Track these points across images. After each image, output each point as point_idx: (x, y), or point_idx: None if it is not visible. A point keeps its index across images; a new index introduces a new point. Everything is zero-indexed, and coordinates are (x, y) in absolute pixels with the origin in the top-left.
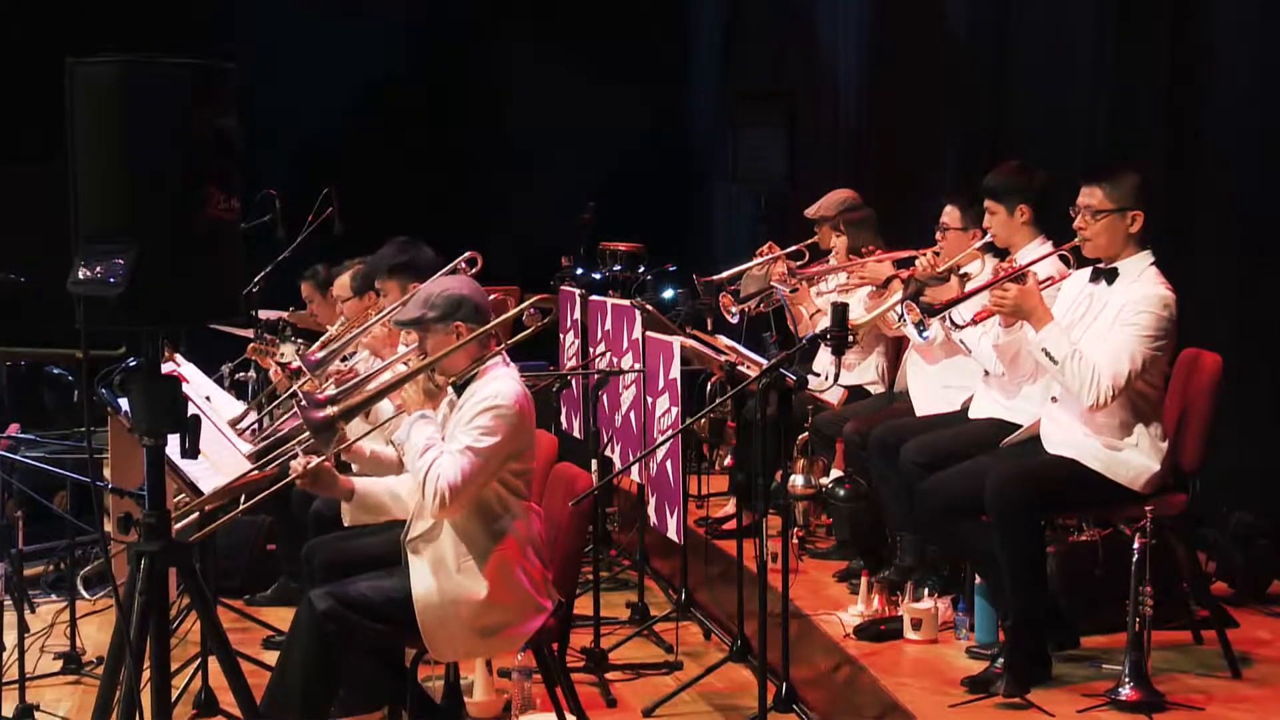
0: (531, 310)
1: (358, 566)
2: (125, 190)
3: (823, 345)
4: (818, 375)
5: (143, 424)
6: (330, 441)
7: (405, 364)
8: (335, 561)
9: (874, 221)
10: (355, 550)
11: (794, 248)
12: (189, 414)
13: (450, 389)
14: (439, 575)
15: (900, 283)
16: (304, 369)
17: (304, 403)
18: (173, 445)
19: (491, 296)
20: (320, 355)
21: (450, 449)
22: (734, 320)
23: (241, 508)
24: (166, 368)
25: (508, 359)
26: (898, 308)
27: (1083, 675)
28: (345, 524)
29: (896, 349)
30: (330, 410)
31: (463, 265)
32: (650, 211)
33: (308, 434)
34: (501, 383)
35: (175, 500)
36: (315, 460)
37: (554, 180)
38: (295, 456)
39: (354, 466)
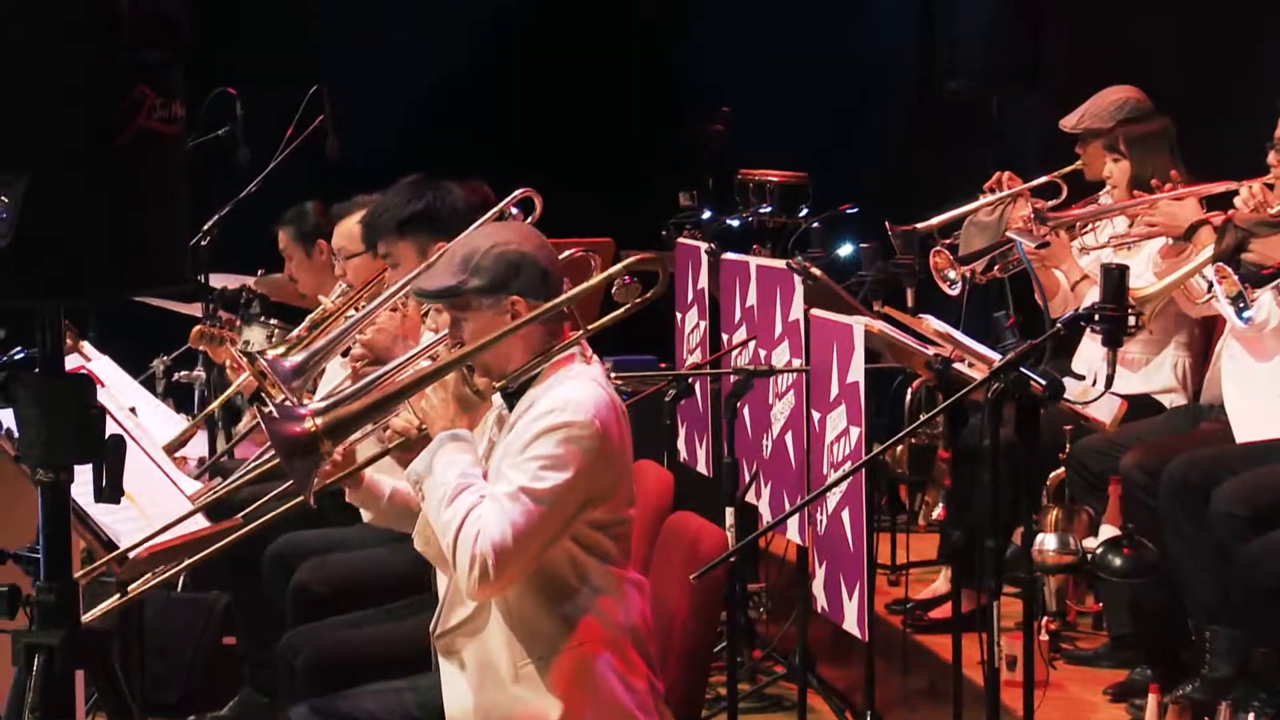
0: (628, 278)
1: (361, 668)
2: (5, 92)
3: (1089, 331)
4: (1081, 378)
5: (36, 449)
6: (311, 475)
7: (431, 358)
8: (328, 661)
9: (1171, 137)
10: (358, 644)
11: (1044, 179)
12: (107, 435)
13: (497, 397)
14: (485, 688)
15: (1211, 232)
16: (272, 376)
17: (272, 413)
18: (82, 482)
19: (565, 255)
20: (300, 358)
21: (496, 492)
22: (951, 291)
23: (182, 564)
24: (71, 363)
25: (589, 351)
26: (1207, 271)
27: None
28: (367, 518)
29: (1205, 338)
30: (311, 424)
31: (513, 210)
32: (811, 122)
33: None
34: (576, 388)
35: (85, 570)
36: (334, 476)
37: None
38: (275, 496)
39: (364, 514)
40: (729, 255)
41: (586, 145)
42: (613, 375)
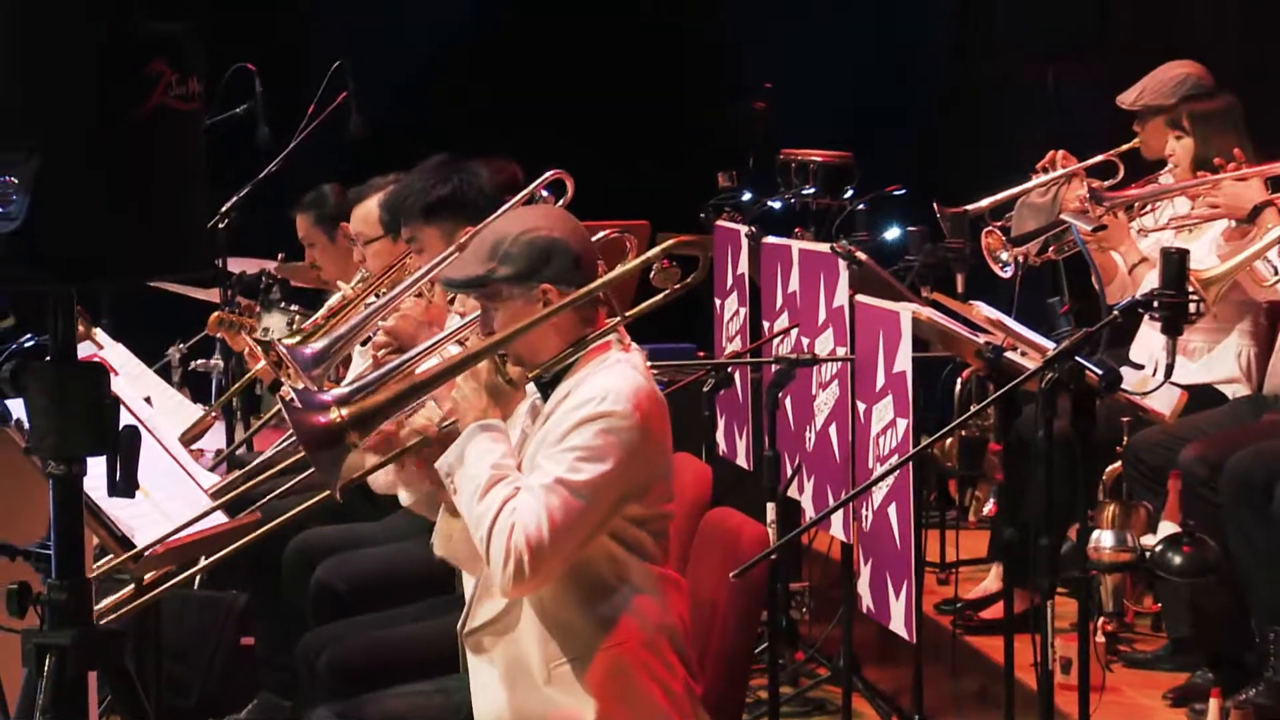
0: (666, 261)
1: (386, 670)
2: (17, 67)
3: (1147, 318)
4: (1139, 368)
5: (47, 441)
6: (337, 468)
7: (461, 345)
8: (351, 662)
9: (1238, 115)
10: (382, 644)
11: (1101, 157)
12: (121, 426)
13: (532, 386)
14: (517, 688)
15: (1277, 214)
16: (290, 363)
17: (295, 403)
18: (94, 475)
19: (600, 237)
20: (320, 345)
21: (531, 484)
22: (1003, 275)
23: (199, 565)
24: (84, 350)
25: (627, 339)
26: (1272, 255)
27: None
28: (438, 553)
29: (1271, 326)
30: (337, 414)
31: (543, 194)
32: (855, 99)
33: (301, 455)
34: (615, 377)
35: (99, 565)
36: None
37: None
38: (295, 491)
39: (403, 496)
40: (770, 239)
41: (621, 122)
42: (651, 364)
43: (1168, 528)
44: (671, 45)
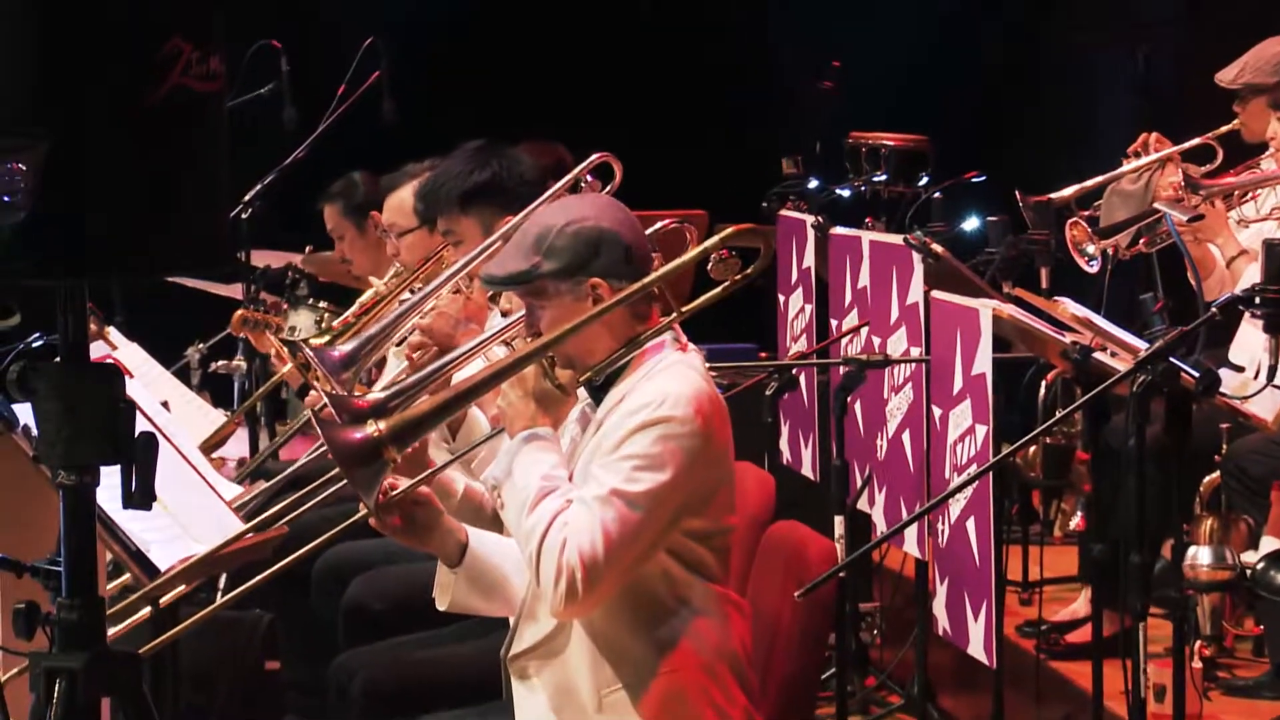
0: (725, 253)
1: (423, 695)
2: (25, 45)
3: (1248, 316)
4: (1239, 370)
5: (57, 448)
6: (374, 485)
7: (505, 345)
8: (385, 687)
9: None
10: (419, 667)
11: (1197, 140)
12: (136, 432)
13: (582, 390)
14: (565, 717)
15: None
16: (317, 365)
17: (327, 414)
18: (108, 486)
19: (654, 228)
20: (350, 347)
21: (584, 496)
22: (1090, 269)
23: (227, 596)
24: (96, 351)
25: (683, 338)
26: None
27: None
28: (441, 607)
29: None
30: (374, 429)
31: (589, 179)
32: (930, 79)
33: (335, 469)
34: (673, 380)
35: (112, 585)
36: (402, 485)
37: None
38: (326, 503)
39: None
40: (838, 230)
41: (677, 104)
42: (710, 366)
43: (1270, 543)
44: (731, 20)
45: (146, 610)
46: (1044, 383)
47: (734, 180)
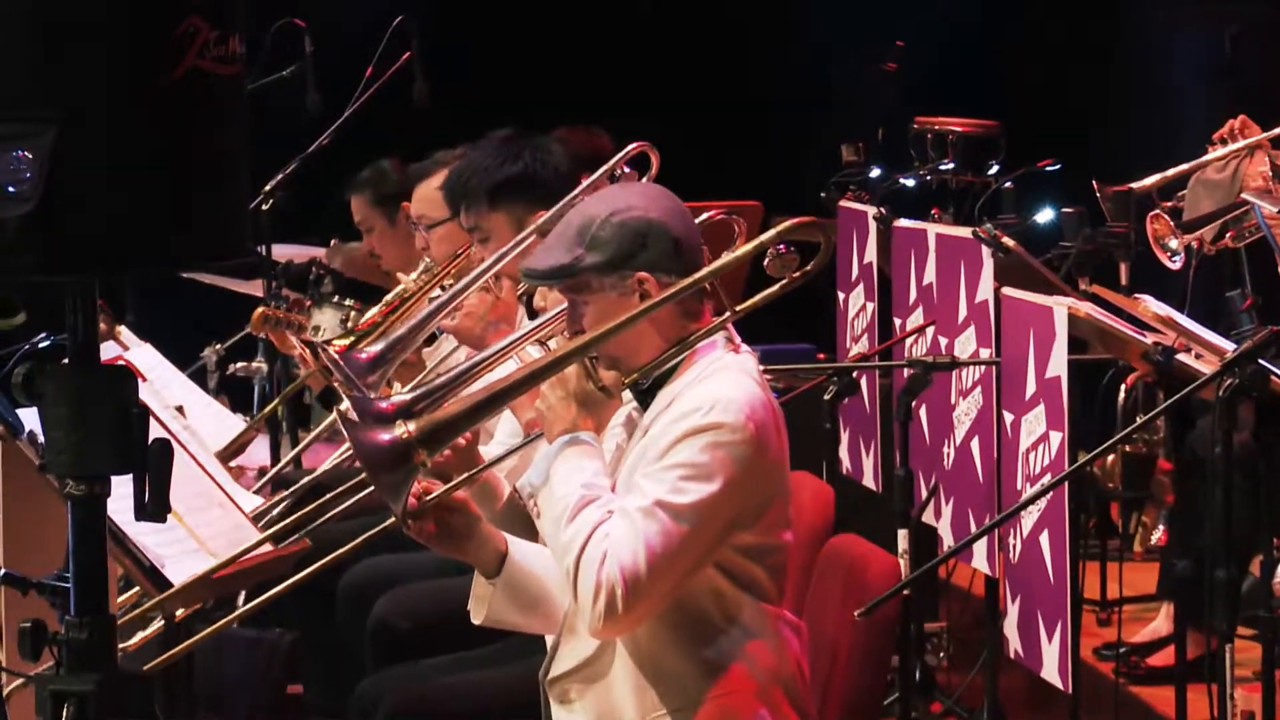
0: (782, 247)
1: (457, 717)
2: (29, 25)
3: None
4: None
5: (65, 456)
6: (403, 491)
7: (541, 345)
8: (414, 712)
9: None
10: (451, 691)
11: None
12: (150, 439)
13: (628, 394)
14: None
15: None
16: (338, 371)
17: (353, 415)
18: (120, 496)
19: (705, 219)
20: (378, 349)
21: (627, 506)
22: (1173, 265)
23: (240, 610)
24: (108, 352)
25: (737, 339)
26: None
27: None
28: (476, 620)
29: None
30: (404, 430)
31: (625, 170)
32: (999, 61)
33: (362, 476)
34: (724, 383)
35: (122, 599)
36: (437, 490)
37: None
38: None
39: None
40: (903, 222)
41: (730, 89)
42: (765, 368)
43: None
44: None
45: (159, 624)
46: (1123, 386)
47: (791, 169)
